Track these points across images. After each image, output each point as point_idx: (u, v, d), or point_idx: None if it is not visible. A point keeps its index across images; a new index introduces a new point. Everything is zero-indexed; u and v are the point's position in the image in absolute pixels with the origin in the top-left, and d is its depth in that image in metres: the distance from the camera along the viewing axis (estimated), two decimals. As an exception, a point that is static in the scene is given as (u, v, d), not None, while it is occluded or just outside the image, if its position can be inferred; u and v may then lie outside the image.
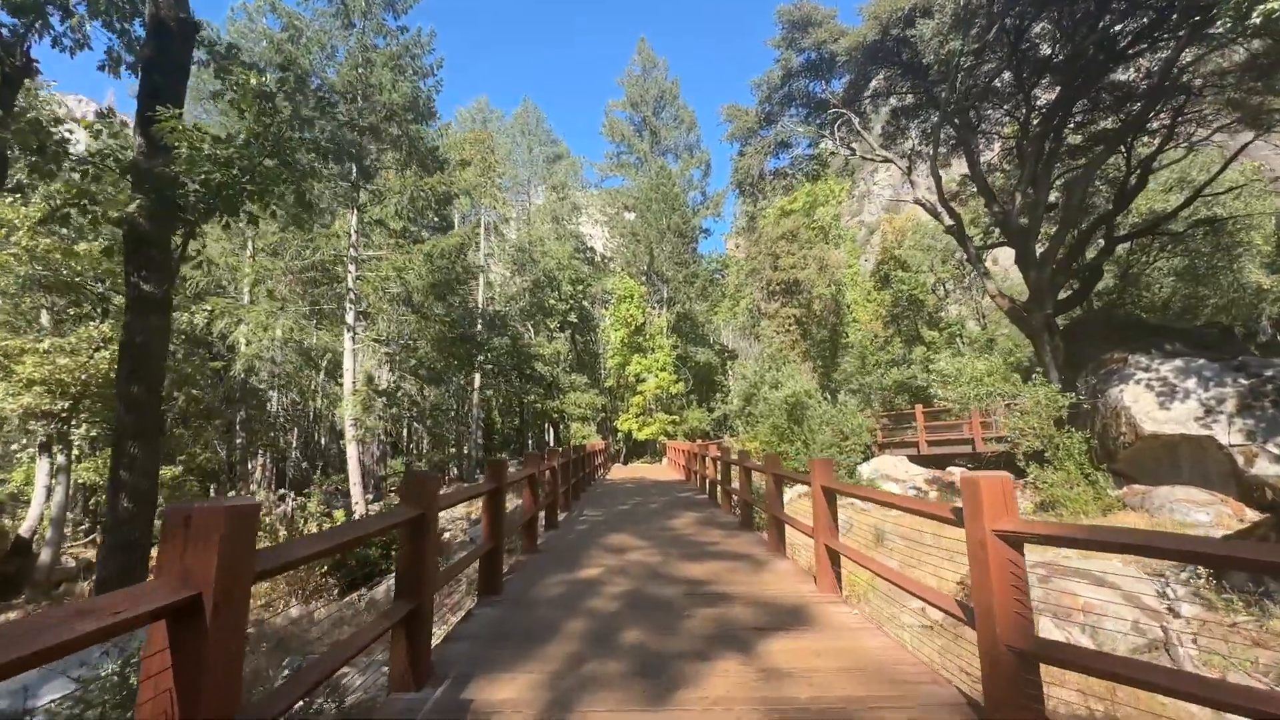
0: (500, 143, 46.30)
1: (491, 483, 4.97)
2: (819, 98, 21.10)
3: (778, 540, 6.38)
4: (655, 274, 41.00)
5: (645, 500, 11.94)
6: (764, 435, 17.17)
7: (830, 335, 33.98)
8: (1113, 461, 13.91)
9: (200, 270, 13.80)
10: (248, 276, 15.12)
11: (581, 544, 7.14)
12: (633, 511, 10.19)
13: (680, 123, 49.65)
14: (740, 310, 43.73)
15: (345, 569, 9.31)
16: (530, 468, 6.59)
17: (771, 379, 18.63)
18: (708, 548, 6.82)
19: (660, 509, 10.43)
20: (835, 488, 4.75)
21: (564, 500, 10.09)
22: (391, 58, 15.06)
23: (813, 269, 31.45)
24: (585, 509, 10.62)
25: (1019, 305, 19.97)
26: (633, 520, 9.05)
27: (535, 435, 41.86)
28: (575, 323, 38.93)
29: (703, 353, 41.43)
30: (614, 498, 12.45)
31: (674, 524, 8.60)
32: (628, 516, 9.53)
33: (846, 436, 16.13)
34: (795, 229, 32.62)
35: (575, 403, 32.08)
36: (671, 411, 35.70)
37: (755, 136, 20.55)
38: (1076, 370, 17.12)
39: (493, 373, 27.29)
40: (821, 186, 35.58)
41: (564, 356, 34.59)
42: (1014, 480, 2.81)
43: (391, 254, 14.80)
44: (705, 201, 48.07)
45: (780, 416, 16.89)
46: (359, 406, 13.95)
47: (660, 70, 50.32)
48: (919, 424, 19.18)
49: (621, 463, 36.70)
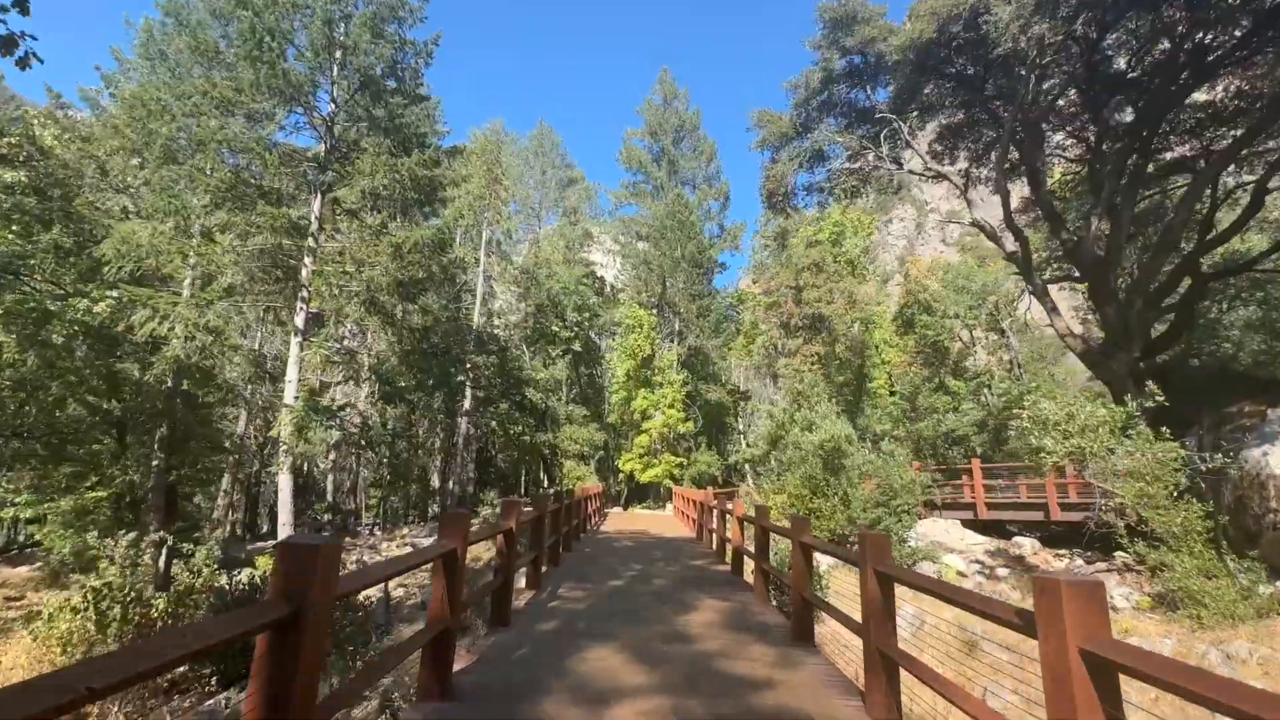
0: (513, 164, 44.81)
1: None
2: (861, 107, 18.86)
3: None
4: (667, 305, 38.53)
5: (647, 570, 8.96)
6: (793, 487, 14.19)
7: (855, 378, 31.09)
8: (1252, 545, 10.79)
9: (121, 254, 11.35)
10: (189, 263, 12.67)
11: (536, 673, 4.20)
12: (628, 593, 7.23)
13: (700, 154, 48.24)
14: (755, 348, 41.07)
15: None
16: (451, 537, 3.76)
17: (803, 419, 15.81)
18: (752, 693, 3.91)
19: (667, 590, 7.46)
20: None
21: (535, 571, 7.17)
22: (370, 18, 12.92)
23: (839, 304, 28.83)
24: (564, 582, 7.67)
25: (1096, 348, 17.10)
26: (628, 613, 6.11)
27: (531, 473, 38.79)
28: (579, 352, 36.27)
29: (714, 391, 38.53)
30: (606, 564, 9.47)
31: (690, 627, 5.65)
32: (621, 604, 6.58)
33: (896, 494, 13.10)
34: (821, 260, 30.16)
35: (572, 437, 29.03)
36: (678, 453, 32.59)
37: (789, 144, 18.25)
38: (1179, 427, 14.07)
39: (481, 398, 24.45)
40: (850, 215, 33.33)
41: (563, 384, 31.70)
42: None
43: (356, 246, 12.36)
44: (723, 234, 46.09)
45: (814, 465, 13.94)
46: (292, 425, 11.21)
47: (681, 101, 49.26)
48: (976, 482, 16.10)
49: (621, 507, 33.47)
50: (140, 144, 12.74)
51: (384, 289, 12.55)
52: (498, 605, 5.32)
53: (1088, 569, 12.78)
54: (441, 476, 28.25)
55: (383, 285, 12.48)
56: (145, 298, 11.13)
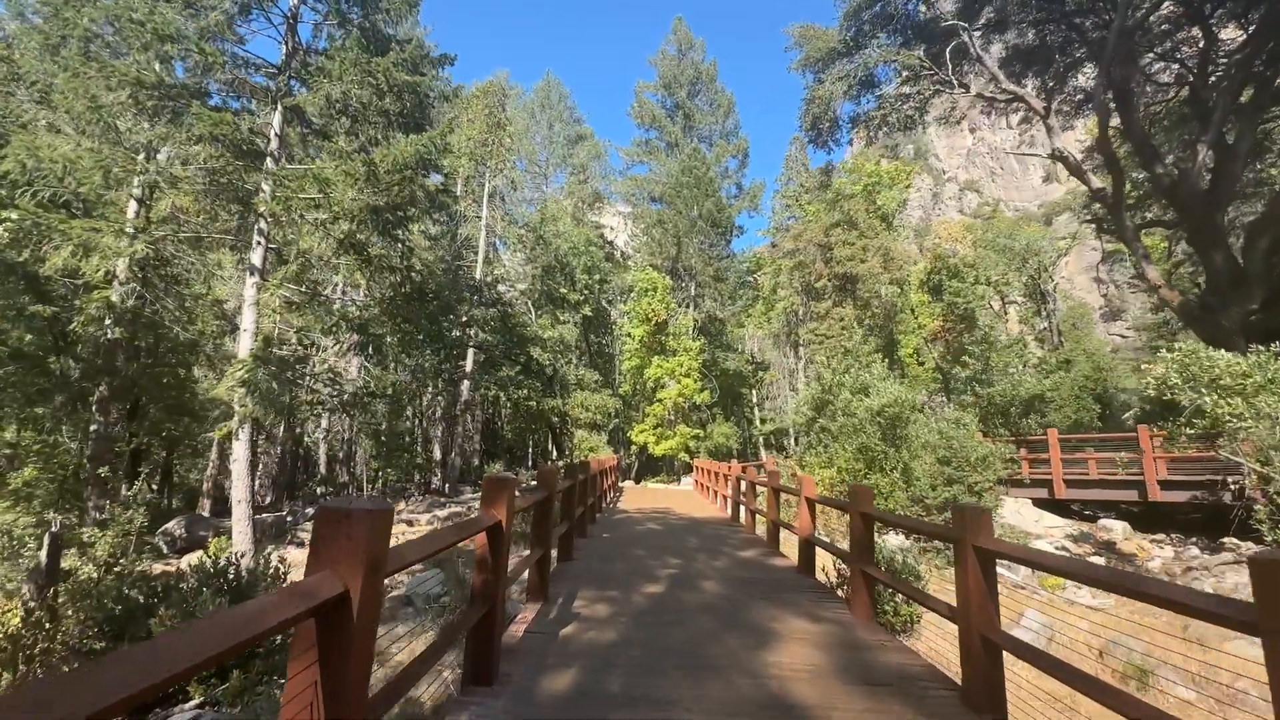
0: (518, 118, 41.97)
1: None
2: (920, 21, 16.12)
3: None
4: (682, 268, 36.08)
5: (688, 567, 6.84)
6: (844, 461, 12.04)
7: (887, 344, 28.74)
8: None
9: (26, 169, 9.13)
10: (125, 187, 10.45)
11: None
12: (673, 608, 5.08)
13: (717, 107, 45.21)
14: (775, 314, 38.70)
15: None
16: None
17: (855, 381, 13.55)
18: None
19: (726, 601, 5.33)
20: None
21: (540, 577, 5.03)
22: None
23: (874, 262, 26.28)
24: (581, 588, 5.54)
25: (1195, 301, 14.66)
26: (684, 652, 3.92)
27: (539, 444, 36.97)
28: (590, 317, 34.02)
29: (732, 359, 36.26)
30: (633, 558, 7.36)
31: (788, 680, 3.48)
32: (667, 631, 4.41)
33: (974, 468, 10.92)
34: (853, 215, 27.52)
35: (583, 404, 26.90)
36: (693, 425, 30.52)
37: (835, 64, 15.60)
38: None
39: (483, 361, 22.24)
40: (886, 167, 30.54)
41: (572, 346, 29.46)
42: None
43: (321, 165, 10.08)
44: (741, 195, 43.24)
45: (872, 434, 11.77)
46: (241, 375, 9.06)
47: (697, 51, 46.10)
48: (1053, 456, 13.88)
49: (633, 480, 31.64)
50: (58, 39, 10.49)
51: (355, 217, 10.25)
52: (477, 652, 3.20)
53: (1211, 560, 10.63)
54: (444, 448, 26.33)
55: (354, 213, 10.17)
56: (56, 222, 8.97)
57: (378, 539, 1.79)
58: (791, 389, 38.34)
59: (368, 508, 1.79)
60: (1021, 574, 9.70)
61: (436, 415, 27.21)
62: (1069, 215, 54.93)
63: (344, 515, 1.74)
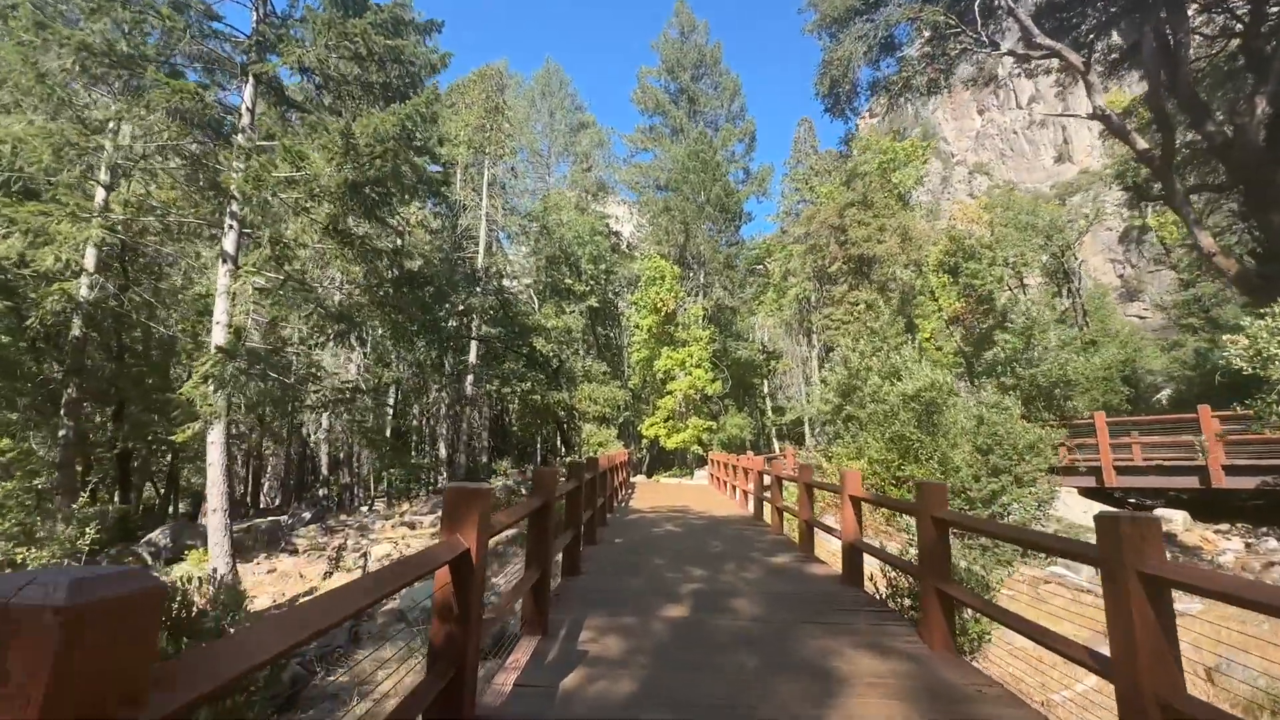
0: (518, 106, 40.95)
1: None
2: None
3: None
4: (690, 255, 34.98)
5: (714, 579, 5.89)
6: (875, 451, 11.03)
7: (906, 327, 27.55)
8: None
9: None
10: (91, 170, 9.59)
11: None
12: (704, 640, 4.10)
13: (722, 90, 43.89)
14: (787, 301, 37.54)
15: None
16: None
17: (885, 365, 12.51)
18: None
19: (767, 627, 4.35)
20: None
21: (537, 605, 4.07)
22: None
23: (891, 242, 25.09)
24: (590, 612, 4.57)
25: (1254, 270, 13.49)
26: (724, 711, 3.00)
27: (547, 440, 36.13)
28: (596, 308, 33.05)
29: (743, 348, 35.21)
30: (650, 569, 6.40)
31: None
32: (700, 677, 3.41)
33: (1021, 456, 9.87)
34: (868, 194, 26.31)
35: (591, 396, 25.94)
36: (705, 417, 29.54)
37: (853, 23, 14.47)
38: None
39: (485, 354, 21.33)
40: (901, 144, 29.25)
41: (577, 336, 28.48)
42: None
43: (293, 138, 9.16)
44: (749, 179, 42.02)
45: (906, 422, 10.74)
46: (207, 369, 8.22)
47: (701, 34, 44.75)
48: (1101, 441, 12.78)
49: (644, 474, 30.76)
50: (7, 9, 9.64)
51: (334, 195, 9.31)
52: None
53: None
54: (450, 445, 25.49)
55: (331, 190, 9.24)
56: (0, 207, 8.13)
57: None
58: (805, 378, 37.27)
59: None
60: (1084, 574, 8.62)
61: (441, 413, 26.39)
62: (1082, 196, 53.42)
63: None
